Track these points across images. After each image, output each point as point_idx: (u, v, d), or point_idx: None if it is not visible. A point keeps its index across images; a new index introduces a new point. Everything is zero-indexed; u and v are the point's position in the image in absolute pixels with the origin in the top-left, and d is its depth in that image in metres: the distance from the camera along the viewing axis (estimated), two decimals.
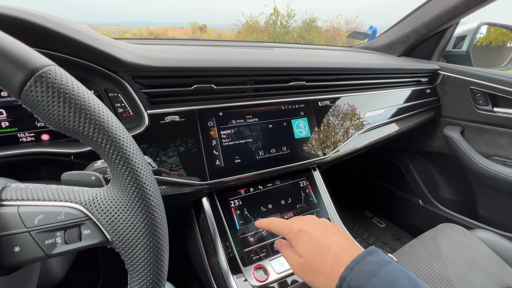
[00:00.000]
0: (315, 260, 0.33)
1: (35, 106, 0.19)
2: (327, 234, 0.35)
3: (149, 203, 0.23)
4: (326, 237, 0.35)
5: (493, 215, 1.00)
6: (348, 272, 0.29)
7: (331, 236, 0.35)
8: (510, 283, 0.62)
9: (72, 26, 0.39)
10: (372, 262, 0.29)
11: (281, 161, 0.59)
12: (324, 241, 0.34)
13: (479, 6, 0.83)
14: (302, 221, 0.38)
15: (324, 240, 0.34)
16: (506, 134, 0.90)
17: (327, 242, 0.34)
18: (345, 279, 0.29)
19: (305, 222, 0.38)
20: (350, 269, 0.29)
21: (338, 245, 0.34)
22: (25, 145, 0.42)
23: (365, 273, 0.28)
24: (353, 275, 0.29)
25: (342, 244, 0.34)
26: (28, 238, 0.21)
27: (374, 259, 0.30)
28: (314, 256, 0.34)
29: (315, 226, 0.37)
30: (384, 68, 0.84)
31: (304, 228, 0.36)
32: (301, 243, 0.35)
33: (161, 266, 0.24)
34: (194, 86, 0.51)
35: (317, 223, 0.38)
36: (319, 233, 0.35)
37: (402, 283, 0.27)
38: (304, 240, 0.35)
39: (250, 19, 10.82)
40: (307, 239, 0.35)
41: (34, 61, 0.19)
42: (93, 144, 0.21)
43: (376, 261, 0.29)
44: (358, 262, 0.30)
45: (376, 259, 0.30)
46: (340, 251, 0.33)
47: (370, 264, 0.29)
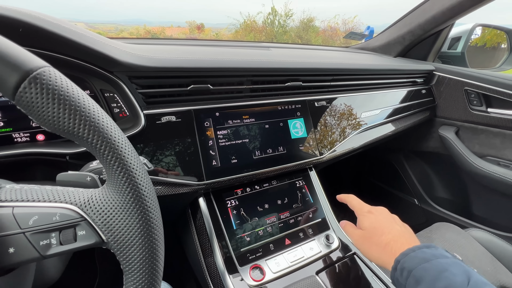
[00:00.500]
0: (375, 234, 0.39)
1: (30, 107, 0.19)
2: (392, 223, 0.41)
3: (144, 204, 0.23)
4: (390, 224, 0.40)
5: (487, 214, 1.02)
6: (403, 256, 0.33)
7: (395, 225, 0.40)
8: (503, 281, 0.63)
9: (68, 26, 0.39)
10: (428, 252, 0.32)
11: (278, 161, 0.59)
12: (387, 225, 0.40)
13: (473, 7, 0.84)
14: (375, 208, 0.45)
15: (387, 224, 0.40)
16: (500, 134, 0.91)
17: (390, 226, 0.40)
18: (399, 262, 0.33)
19: (376, 209, 0.44)
20: (405, 254, 0.33)
21: (399, 232, 0.39)
22: (20, 145, 0.41)
23: (418, 258, 0.31)
24: (407, 259, 0.32)
25: (403, 233, 0.39)
26: (23, 239, 0.21)
27: (430, 251, 0.32)
28: (374, 230, 0.40)
29: (384, 214, 0.43)
30: (380, 68, 0.84)
31: (373, 211, 0.43)
32: (367, 219, 0.42)
33: (157, 267, 0.24)
34: (190, 86, 0.51)
35: (386, 214, 0.44)
36: (384, 219, 0.41)
37: (453, 272, 0.29)
38: (370, 218, 0.42)
39: (248, 18, 10.81)
40: (373, 218, 0.42)
41: (28, 62, 0.19)
42: (88, 145, 0.21)
43: (432, 252, 0.32)
44: (414, 251, 0.33)
45: (433, 252, 0.32)
46: (399, 235, 0.38)
47: (425, 254, 0.32)
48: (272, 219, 0.58)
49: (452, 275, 0.28)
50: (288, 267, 0.52)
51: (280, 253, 0.54)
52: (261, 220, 0.57)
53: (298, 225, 0.59)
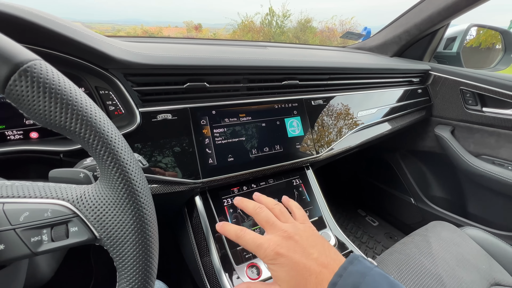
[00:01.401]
0: (300, 284, 0.30)
1: (20, 101, 0.18)
2: (305, 251, 0.32)
3: (138, 200, 0.23)
4: (305, 257, 0.32)
5: (482, 213, 1.03)
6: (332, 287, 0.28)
7: (311, 252, 0.32)
8: (498, 278, 0.63)
9: (62, 22, 0.39)
10: (354, 272, 0.29)
11: (274, 160, 0.59)
12: (304, 263, 0.31)
13: (468, 8, 0.85)
14: (277, 237, 0.34)
15: (304, 261, 0.31)
16: (494, 133, 0.92)
17: (307, 263, 0.31)
18: None
19: (280, 242, 0.33)
20: (333, 284, 0.28)
21: (317, 262, 0.31)
22: (13, 143, 0.41)
23: (349, 286, 0.28)
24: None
25: (322, 260, 0.32)
26: (13, 236, 0.21)
27: (355, 269, 0.29)
28: (297, 282, 0.31)
29: (292, 246, 0.33)
30: (376, 68, 0.85)
31: (281, 251, 0.32)
32: (280, 268, 0.32)
33: (151, 264, 0.24)
34: (186, 84, 0.51)
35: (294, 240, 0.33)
36: (298, 254, 0.32)
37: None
38: (283, 265, 0.31)
39: (245, 19, 10.82)
40: (286, 264, 0.31)
41: (19, 55, 0.18)
42: (81, 140, 0.21)
43: (358, 270, 0.29)
44: (341, 276, 0.29)
45: (358, 268, 0.29)
46: (320, 269, 0.31)
47: (353, 276, 0.28)
48: None
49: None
50: None
51: None
52: None
53: None
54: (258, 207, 0.38)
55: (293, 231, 0.34)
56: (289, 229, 0.34)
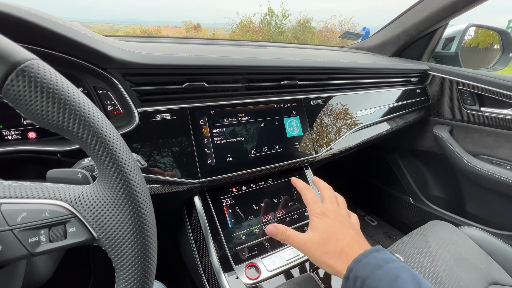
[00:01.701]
0: (329, 240, 0.35)
1: (17, 100, 0.18)
2: (346, 227, 0.37)
3: (137, 200, 0.23)
4: (346, 229, 0.37)
5: (480, 213, 1.03)
6: (356, 263, 0.31)
7: (350, 230, 0.37)
8: (496, 278, 0.64)
9: (60, 22, 0.38)
10: (378, 257, 0.31)
11: (273, 160, 0.59)
12: (342, 230, 0.36)
13: (466, 8, 0.85)
14: (331, 208, 0.39)
15: (342, 229, 0.37)
16: (493, 133, 0.92)
17: (345, 232, 0.36)
18: (352, 270, 0.31)
19: (330, 211, 0.39)
20: (357, 261, 0.31)
21: (353, 238, 0.36)
22: (11, 143, 0.41)
23: (371, 265, 0.30)
24: (360, 266, 0.31)
25: (358, 238, 0.36)
26: (11, 237, 0.21)
27: (380, 255, 0.32)
28: (328, 236, 0.36)
29: (339, 218, 0.38)
30: (375, 68, 0.85)
31: (329, 214, 0.38)
32: (321, 222, 0.37)
33: (149, 264, 0.24)
34: (185, 84, 0.51)
35: (341, 217, 0.39)
36: (339, 222, 0.37)
37: (404, 278, 0.29)
38: (324, 221, 0.37)
39: (244, 18, 10.82)
40: (327, 222, 0.37)
41: (16, 55, 0.18)
42: (78, 140, 0.21)
43: (382, 257, 0.31)
44: (366, 256, 0.32)
45: (382, 256, 0.32)
46: (354, 241, 0.35)
47: (376, 259, 0.31)
48: (268, 218, 0.58)
49: (404, 283, 0.29)
50: (284, 265, 0.52)
51: (275, 252, 0.54)
52: (256, 218, 0.56)
53: (294, 224, 0.59)
54: (329, 187, 0.45)
55: (344, 216, 0.40)
56: (342, 213, 0.40)
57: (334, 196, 0.43)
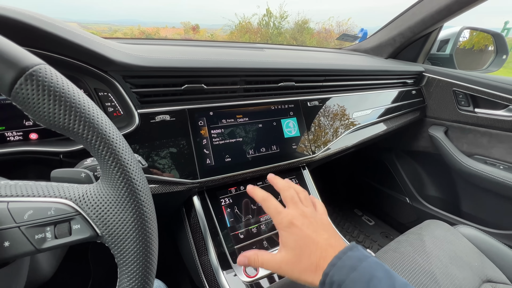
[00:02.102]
0: (303, 255, 0.33)
1: (26, 103, 0.19)
2: (317, 231, 0.35)
3: (139, 198, 0.24)
4: (316, 234, 0.35)
5: (475, 212, 1.04)
6: (331, 268, 0.30)
7: (322, 232, 0.35)
8: (489, 275, 0.65)
9: (62, 25, 0.39)
10: (353, 257, 0.31)
11: (271, 160, 0.60)
12: (314, 238, 0.34)
13: (460, 11, 0.87)
14: (295, 213, 0.37)
15: (314, 237, 0.34)
16: (487, 133, 0.94)
17: (317, 239, 0.34)
18: (327, 275, 0.30)
19: (297, 215, 0.36)
20: (332, 265, 0.31)
21: (326, 242, 0.34)
22: (13, 144, 0.41)
23: (346, 268, 0.30)
24: (335, 270, 0.30)
25: (330, 241, 0.34)
26: (18, 233, 0.22)
27: (354, 254, 0.31)
28: (302, 249, 0.34)
29: (306, 221, 0.36)
30: (371, 69, 0.86)
31: (296, 223, 0.35)
32: (291, 236, 0.35)
33: (151, 259, 0.25)
34: (184, 86, 0.51)
35: (309, 218, 0.36)
36: (309, 230, 0.35)
37: (379, 276, 0.29)
38: (294, 233, 0.35)
39: (243, 20, 10.84)
40: (296, 234, 0.35)
41: (25, 60, 0.19)
42: (83, 141, 0.22)
43: (356, 255, 0.31)
44: (340, 258, 0.31)
45: (356, 254, 0.31)
46: (327, 247, 0.33)
47: (351, 259, 0.31)
48: (266, 217, 0.59)
49: (378, 282, 0.29)
50: None
51: (273, 250, 0.55)
52: (254, 217, 0.57)
53: None
54: (288, 186, 0.41)
55: (311, 214, 0.37)
56: (308, 211, 0.38)
57: (296, 194, 0.40)
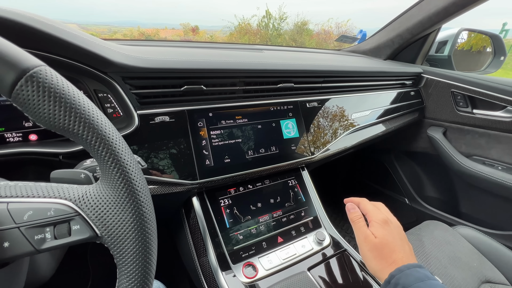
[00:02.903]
0: (386, 247, 0.38)
1: (26, 105, 0.19)
2: (403, 241, 0.41)
3: (138, 199, 0.24)
4: (402, 242, 0.40)
5: (474, 212, 1.05)
6: (398, 272, 0.35)
7: (406, 244, 0.41)
8: (488, 276, 0.65)
9: (61, 27, 0.39)
10: (421, 272, 0.34)
11: (270, 161, 0.60)
12: (399, 243, 0.40)
13: (457, 13, 0.88)
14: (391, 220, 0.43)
15: (400, 242, 0.40)
16: (485, 134, 0.94)
17: (401, 245, 0.40)
18: (394, 276, 0.34)
19: (392, 221, 0.43)
20: (400, 270, 0.35)
21: (407, 253, 0.39)
22: (13, 145, 0.41)
23: (413, 277, 0.33)
24: (402, 275, 0.34)
25: (410, 255, 0.40)
26: (18, 234, 0.22)
27: (422, 271, 0.35)
28: (387, 243, 0.39)
29: (398, 230, 0.42)
30: (370, 71, 0.87)
31: (389, 223, 0.42)
32: (382, 229, 0.40)
33: (150, 260, 0.25)
34: (184, 87, 0.52)
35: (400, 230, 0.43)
36: (398, 236, 0.41)
37: None
38: (386, 229, 0.41)
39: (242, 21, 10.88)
40: (388, 230, 0.41)
41: (25, 61, 0.19)
42: (83, 142, 0.22)
43: (424, 273, 0.34)
44: (409, 268, 0.35)
45: (424, 272, 0.35)
46: (407, 257, 0.39)
47: (419, 273, 0.34)
48: (265, 218, 0.59)
49: None
50: (280, 264, 0.53)
51: (272, 251, 0.55)
52: (254, 218, 0.58)
53: (291, 223, 0.60)
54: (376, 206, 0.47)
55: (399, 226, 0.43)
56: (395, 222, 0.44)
57: (388, 212, 0.46)
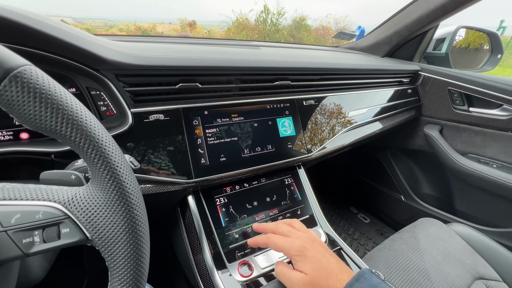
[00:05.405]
0: (321, 278, 0.36)
1: (10, 105, 0.19)
2: (326, 255, 0.38)
3: (129, 201, 0.24)
4: (326, 258, 0.38)
5: (468, 210, 1.06)
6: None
7: (330, 257, 0.38)
8: (481, 273, 0.66)
9: (51, 23, 0.38)
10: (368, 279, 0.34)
11: (266, 159, 0.60)
12: (325, 262, 0.37)
13: (456, 10, 0.87)
14: (301, 239, 0.40)
15: (325, 260, 0.38)
16: (480, 132, 0.95)
17: (328, 263, 0.37)
18: None
19: (304, 241, 0.39)
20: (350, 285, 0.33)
21: (336, 266, 0.37)
22: (3, 144, 0.41)
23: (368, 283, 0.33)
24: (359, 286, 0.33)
25: (339, 265, 0.38)
26: (5, 237, 0.21)
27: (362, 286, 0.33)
28: (319, 274, 0.36)
29: (315, 246, 0.39)
30: (367, 68, 0.86)
31: (306, 246, 0.39)
32: (306, 261, 0.38)
33: (142, 263, 0.25)
34: (179, 85, 0.51)
35: (315, 242, 0.40)
36: (319, 254, 0.38)
37: None
38: (309, 259, 0.38)
39: (240, 16, 10.77)
40: (311, 258, 0.38)
41: (9, 61, 0.19)
42: (71, 143, 0.21)
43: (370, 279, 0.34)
44: (353, 283, 0.34)
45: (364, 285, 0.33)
46: (339, 271, 0.37)
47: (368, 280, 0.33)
48: (261, 216, 0.59)
49: None
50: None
51: (268, 249, 0.55)
52: (250, 217, 0.57)
53: None
54: (276, 224, 0.45)
55: (312, 237, 0.41)
56: (310, 235, 0.41)
57: (288, 227, 0.43)
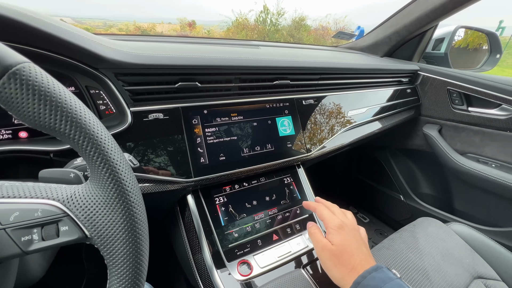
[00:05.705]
0: (345, 254, 0.39)
1: (9, 103, 0.19)
2: (360, 244, 0.41)
3: (128, 199, 0.24)
4: (359, 245, 0.40)
5: (467, 209, 1.06)
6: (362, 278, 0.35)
7: (363, 247, 0.41)
8: (481, 272, 0.66)
9: (50, 21, 0.38)
10: (376, 277, 0.35)
11: (266, 159, 0.60)
12: (357, 246, 0.40)
13: (455, 10, 0.87)
14: (345, 221, 0.43)
15: (357, 246, 0.40)
16: (479, 132, 0.95)
17: (359, 248, 0.40)
18: (359, 283, 0.35)
19: (347, 224, 0.43)
20: (363, 277, 0.35)
21: (365, 256, 0.39)
22: (2, 143, 0.41)
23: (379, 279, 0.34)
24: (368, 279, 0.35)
25: (368, 257, 0.40)
26: (4, 235, 0.21)
27: (378, 275, 0.35)
28: (344, 249, 0.39)
29: (353, 231, 0.42)
30: (366, 68, 0.86)
31: (344, 227, 0.42)
32: (338, 236, 0.41)
33: (141, 261, 0.25)
34: (178, 84, 0.51)
35: (355, 231, 0.43)
36: (354, 239, 0.41)
37: None
38: (341, 235, 0.41)
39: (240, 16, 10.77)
40: (344, 235, 0.41)
41: (8, 58, 0.19)
42: (70, 141, 0.21)
43: (380, 277, 0.35)
44: (370, 272, 0.36)
45: (380, 276, 0.35)
46: (366, 260, 0.39)
47: (374, 280, 0.35)
48: (260, 215, 0.59)
49: None
50: (275, 261, 0.53)
51: (267, 249, 0.55)
52: (249, 216, 0.57)
53: (286, 221, 0.60)
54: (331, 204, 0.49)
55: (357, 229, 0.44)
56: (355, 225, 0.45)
57: (343, 212, 0.47)
